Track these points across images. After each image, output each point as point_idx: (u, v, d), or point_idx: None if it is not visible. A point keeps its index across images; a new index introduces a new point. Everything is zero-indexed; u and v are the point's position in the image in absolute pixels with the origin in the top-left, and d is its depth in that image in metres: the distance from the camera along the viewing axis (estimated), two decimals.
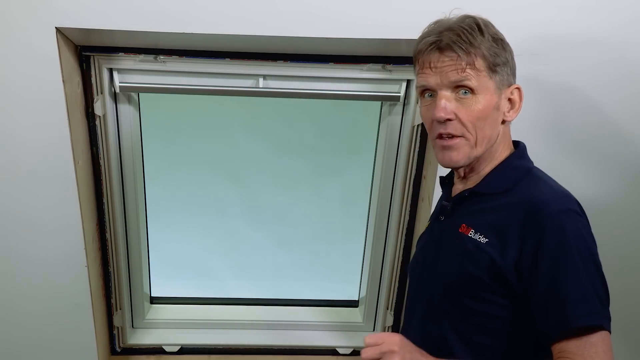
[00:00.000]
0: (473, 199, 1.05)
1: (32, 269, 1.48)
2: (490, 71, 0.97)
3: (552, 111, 1.36)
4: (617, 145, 1.42)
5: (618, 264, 1.57)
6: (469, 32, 0.95)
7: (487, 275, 0.97)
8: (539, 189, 0.98)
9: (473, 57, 0.95)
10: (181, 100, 2.01)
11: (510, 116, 1.02)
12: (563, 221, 0.91)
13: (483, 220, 1.01)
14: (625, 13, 1.26)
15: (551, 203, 0.94)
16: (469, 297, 1.00)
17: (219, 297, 1.94)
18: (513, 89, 1.01)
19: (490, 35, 0.97)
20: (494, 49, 0.97)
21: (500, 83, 0.98)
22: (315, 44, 1.30)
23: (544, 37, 1.27)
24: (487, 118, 0.98)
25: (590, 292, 0.89)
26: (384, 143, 1.57)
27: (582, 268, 0.90)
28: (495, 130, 1.01)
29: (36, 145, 1.32)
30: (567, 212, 0.93)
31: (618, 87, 1.34)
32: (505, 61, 0.99)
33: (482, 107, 0.97)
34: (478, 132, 0.98)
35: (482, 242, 0.98)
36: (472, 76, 0.95)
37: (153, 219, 1.75)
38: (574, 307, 0.88)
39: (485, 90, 0.97)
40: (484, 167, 1.05)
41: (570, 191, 0.99)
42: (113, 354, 1.78)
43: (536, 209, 0.93)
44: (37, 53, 1.21)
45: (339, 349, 1.84)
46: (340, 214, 2.50)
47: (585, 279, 0.89)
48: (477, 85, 0.96)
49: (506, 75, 0.99)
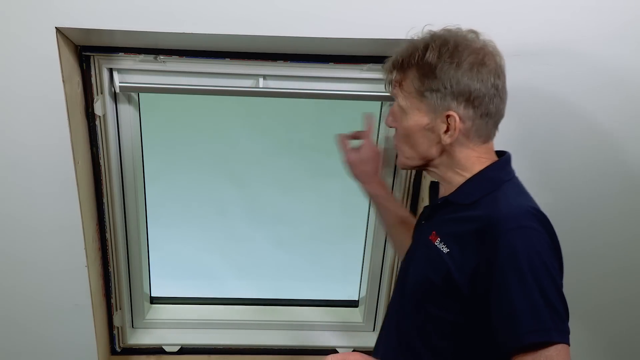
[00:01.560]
0: (446, 208, 1.08)
1: (32, 269, 1.48)
2: (419, 94, 1.01)
3: (553, 111, 1.36)
4: (617, 146, 1.42)
5: (616, 265, 1.58)
6: (410, 55, 1.01)
7: (443, 283, 1.01)
8: (500, 204, 0.99)
9: (401, 77, 1.04)
10: (181, 100, 2.01)
11: (444, 139, 1.03)
12: (515, 238, 0.92)
13: (448, 230, 1.04)
14: (625, 13, 1.26)
15: (507, 220, 0.95)
16: (429, 302, 1.05)
17: (219, 297, 1.94)
18: (447, 115, 1.01)
19: (429, 62, 0.99)
20: (427, 74, 1.00)
21: (435, 107, 1.01)
22: (315, 44, 1.30)
23: (544, 37, 1.27)
24: (415, 136, 1.05)
25: (540, 309, 0.90)
26: (384, 143, 1.57)
27: (532, 284, 0.90)
28: (432, 149, 1.05)
29: (36, 145, 1.32)
30: (522, 229, 0.94)
31: (618, 87, 1.34)
32: (438, 88, 1.00)
33: (408, 124, 1.05)
34: (410, 147, 1.07)
35: (443, 252, 1.02)
36: (399, 95, 1.05)
37: (153, 219, 1.75)
38: (522, 323, 0.90)
39: (415, 111, 1.03)
40: (451, 178, 1.08)
41: (569, 191, 1.00)
42: (113, 354, 1.78)
43: (491, 226, 0.95)
44: (37, 53, 1.21)
45: (339, 349, 1.84)
46: (340, 214, 2.51)
47: (535, 296, 0.90)
48: (404, 104, 1.05)
49: (440, 101, 1.00)
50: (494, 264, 0.93)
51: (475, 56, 0.99)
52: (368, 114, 1.44)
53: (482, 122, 1.01)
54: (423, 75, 1.00)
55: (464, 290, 0.97)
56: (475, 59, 0.98)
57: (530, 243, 0.92)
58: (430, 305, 1.05)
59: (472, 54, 0.99)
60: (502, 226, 0.94)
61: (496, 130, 1.06)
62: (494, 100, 1.00)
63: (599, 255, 1.55)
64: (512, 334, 0.91)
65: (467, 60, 0.98)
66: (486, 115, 1.01)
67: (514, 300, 0.91)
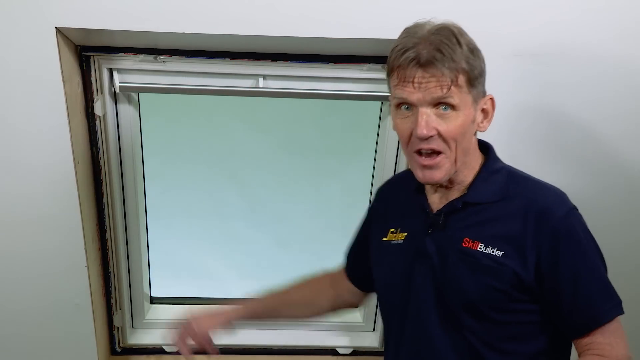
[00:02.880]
0: (468, 210, 1.02)
1: (32, 269, 1.48)
2: (470, 86, 0.95)
3: (553, 111, 1.36)
4: (618, 146, 1.42)
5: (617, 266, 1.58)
6: (449, 46, 0.92)
7: (511, 287, 0.97)
8: (537, 192, 1.00)
9: (455, 74, 0.92)
10: (181, 100, 2.01)
11: (483, 127, 1.01)
12: (572, 223, 0.97)
13: (488, 232, 0.99)
14: (626, 13, 1.26)
15: (555, 206, 0.97)
16: (496, 311, 0.99)
17: (219, 297, 1.94)
18: (487, 100, 1.00)
19: (467, 45, 0.94)
20: (472, 60, 0.94)
21: (477, 96, 0.97)
22: (315, 44, 1.30)
23: (544, 37, 1.27)
24: (466, 132, 0.97)
25: (609, 285, 0.97)
26: (384, 143, 1.57)
27: (598, 264, 0.97)
28: (471, 142, 1.01)
29: (36, 145, 1.32)
30: (572, 212, 0.98)
31: (619, 87, 1.34)
32: (481, 72, 0.97)
33: (461, 122, 0.95)
34: (458, 146, 0.97)
35: (498, 256, 0.97)
36: (454, 93, 0.93)
37: (153, 219, 1.75)
38: (602, 303, 0.96)
39: (465, 106, 0.95)
40: (462, 177, 1.03)
41: (572, 192, 1.01)
42: (113, 354, 1.78)
43: (545, 216, 0.96)
44: (37, 53, 1.21)
45: (339, 349, 1.84)
46: (340, 214, 2.50)
47: (602, 274, 0.97)
48: (458, 102, 0.94)
49: (481, 87, 0.98)
50: (558, 252, 0.95)
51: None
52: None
53: None
54: (472, 60, 0.94)
55: (533, 285, 0.97)
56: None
57: (582, 224, 0.98)
58: (497, 313, 0.99)
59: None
60: (556, 212, 0.96)
61: None
62: None
63: None
64: (591, 314, 0.95)
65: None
66: None
67: (589, 281, 0.95)
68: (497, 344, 1.01)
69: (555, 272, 0.95)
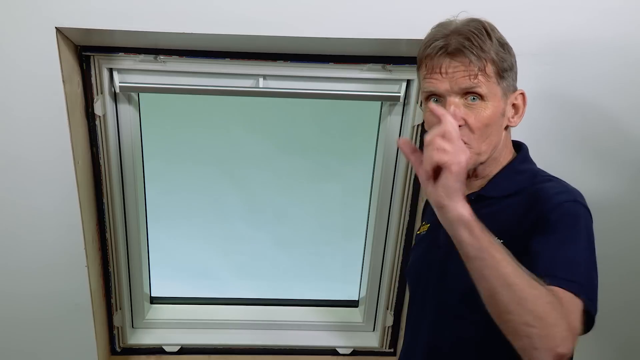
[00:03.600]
0: (479, 203, 1.02)
1: (32, 269, 1.48)
2: (498, 77, 0.95)
3: (553, 111, 1.36)
4: (618, 146, 1.42)
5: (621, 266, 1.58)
6: (478, 37, 0.93)
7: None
8: (546, 185, 0.97)
9: (484, 63, 0.93)
10: (181, 100, 2.01)
11: (514, 122, 1.01)
12: (571, 207, 0.92)
13: (494, 224, 0.96)
14: (628, 14, 1.26)
15: (558, 195, 0.93)
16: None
17: (219, 297, 1.94)
18: (517, 95, 1.01)
19: (497, 40, 0.95)
20: (502, 54, 0.95)
21: (506, 89, 0.98)
22: (315, 44, 1.30)
23: (544, 37, 1.27)
24: (494, 124, 0.97)
25: (581, 264, 0.89)
26: (384, 143, 1.57)
27: (583, 242, 0.90)
28: (500, 136, 1.00)
29: (36, 145, 1.32)
30: (575, 203, 0.93)
31: (619, 87, 1.34)
32: (511, 66, 0.98)
33: (490, 113, 0.95)
34: (485, 139, 0.97)
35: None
36: (482, 83, 0.94)
37: (153, 219, 1.75)
38: (560, 269, 0.87)
39: (494, 97, 0.96)
40: (487, 172, 1.04)
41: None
42: (113, 354, 1.78)
43: (542, 199, 0.93)
44: (37, 53, 1.21)
45: (339, 349, 1.84)
46: (340, 214, 2.50)
47: (583, 252, 0.89)
48: (486, 92, 0.95)
49: (512, 81, 0.99)
50: (547, 218, 0.90)
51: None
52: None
53: None
54: (502, 54, 0.95)
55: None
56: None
57: (584, 215, 0.92)
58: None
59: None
60: (555, 199, 0.92)
61: None
62: None
63: (620, 258, 1.54)
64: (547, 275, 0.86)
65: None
66: None
67: (562, 244, 0.89)
68: (490, 334, 0.97)
69: (540, 225, 0.91)
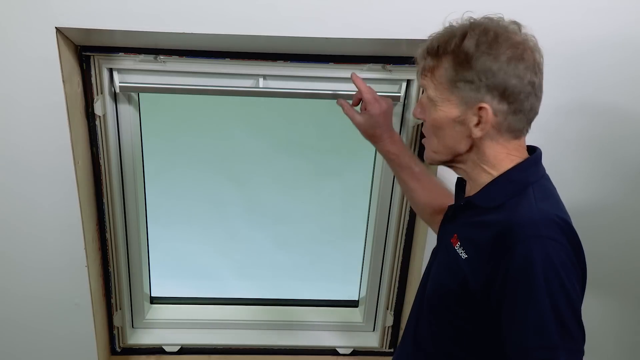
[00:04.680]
0: (468, 210, 1.04)
1: (32, 269, 1.48)
2: (451, 84, 0.96)
3: (553, 112, 1.36)
4: (618, 146, 1.42)
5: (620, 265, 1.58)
6: (447, 41, 0.95)
7: (458, 289, 0.98)
8: (522, 210, 0.94)
9: (434, 66, 0.97)
10: (181, 100, 2.01)
11: (474, 133, 0.98)
12: (532, 248, 0.88)
13: (468, 234, 1.00)
14: (627, 12, 1.26)
15: (525, 227, 0.90)
16: (444, 308, 1.03)
17: (219, 297, 1.94)
18: (479, 107, 0.96)
19: (465, 51, 0.93)
20: (463, 64, 0.94)
21: (467, 99, 0.95)
22: (315, 44, 1.30)
23: (544, 37, 1.27)
24: (444, 128, 0.99)
25: (549, 325, 0.86)
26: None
27: (544, 299, 0.86)
28: (461, 143, 0.99)
29: (36, 145, 1.32)
30: (539, 239, 0.89)
31: (619, 88, 1.34)
32: (472, 80, 0.94)
33: (436, 116, 0.99)
34: (438, 139, 1.02)
35: (462, 258, 0.99)
36: (429, 86, 0.99)
37: (153, 219, 1.75)
38: (529, 338, 0.87)
39: (445, 102, 0.97)
40: (477, 176, 1.02)
41: (573, 193, 0.98)
42: (113, 354, 1.78)
43: (509, 233, 0.91)
44: (37, 53, 1.21)
45: (339, 349, 1.84)
46: (340, 214, 2.51)
47: (546, 311, 0.86)
48: (433, 95, 0.98)
49: (472, 92, 0.95)
50: (507, 273, 0.89)
51: (514, 50, 0.93)
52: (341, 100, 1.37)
53: (515, 118, 0.96)
54: (458, 64, 0.94)
55: (478, 298, 0.94)
56: (514, 53, 0.93)
57: (546, 254, 0.87)
58: (445, 311, 1.03)
59: (511, 47, 0.93)
60: (519, 234, 0.89)
61: (529, 127, 1.01)
62: (530, 98, 0.96)
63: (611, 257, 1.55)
64: (519, 347, 0.89)
65: (506, 53, 0.93)
66: (520, 111, 0.96)
67: (523, 313, 0.88)
68: (445, 346, 1.05)
69: (502, 293, 0.90)
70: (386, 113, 1.32)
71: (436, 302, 1.06)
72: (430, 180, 1.37)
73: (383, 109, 1.31)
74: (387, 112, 1.32)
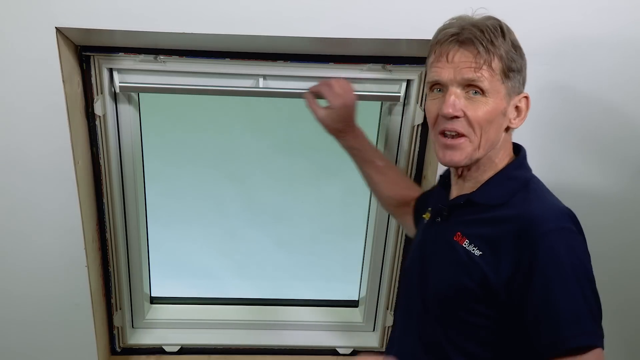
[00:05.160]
0: (468, 208, 1.04)
1: (32, 269, 1.48)
2: (503, 75, 0.96)
3: (553, 112, 1.36)
4: (619, 142, 1.42)
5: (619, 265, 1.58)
6: (491, 31, 0.94)
7: (478, 288, 0.97)
8: (534, 204, 0.97)
9: (491, 57, 0.94)
10: (181, 100, 2.01)
11: (515, 124, 1.01)
12: (556, 240, 0.91)
13: (477, 231, 1.00)
14: (628, 11, 1.26)
15: (545, 220, 0.93)
16: (461, 308, 1.01)
17: (219, 297, 1.94)
18: (522, 97, 1.01)
19: (511, 40, 0.96)
20: (512, 54, 0.96)
21: (511, 89, 0.98)
22: (315, 44, 1.30)
23: (544, 37, 1.27)
24: (493, 122, 0.97)
25: (583, 312, 0.90)
26: (384, 143, 1.57)
27: (575, 287, 0.90)
28: (499, 135, 1.00)
29: (36, 145, 1.32)
30: (561, 231, 0.92)
31: (620, 84, 1.34)
32: (520, 69, 0.98)
33: (489, 109, 0.96)
34: (483, 134, 0.97)
35: (475, 255, 0.98)
36: (485, 78, 0.94)
37: (153, 219, 1.75)
38: (567, 327, 0.89)
39: (496, 94, 0.96)
40: (482, 172, 1.03)
41: (571, 193, 0.99)
42: (113, 354, 1.78)
43: (530, 227, 0.93)
44: (37, 53, 1.21)
45: (339, 349, 1.84)
46: (340, 214, 2.51)
47: (578, 298, 0.90)
48: (488, 87, 0.95)
49: (518, 83, 0.99)
50: (534, 267, 0.90)
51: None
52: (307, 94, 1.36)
53: None
54: (511, 55, 0.96)
55: (500, 294, 0.94)
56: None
57: (570, 245, 0.91)
58: (463, 311, 1.00)
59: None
60: (540, 228, 0.92)
61: None
62: None
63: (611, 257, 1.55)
64: (554, 337, 0.90)
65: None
66: None
67: (557, 304, 0.90)
68: (459, 342, 1.03)
69: (528, 284, 0.91)
70: (349, 107, 1.32)
71: (451, 303, 1.02)
72: (394, 173, 1.39)
73: (346, 103, 1.31)
74: (350, 106, 1.32)
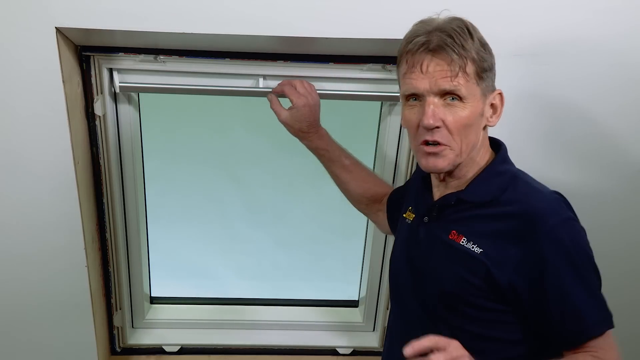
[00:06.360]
0: (459, 206, 1.03)
1: (32, 269, 1.48)
2: (478, 77, 0.95)
3: (552, 112, 1.36)
4: (617, 146, 1.42)
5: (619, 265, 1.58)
6: (460, 35, 0.93)
7: (483, 283, 0.97)
8: (532, 197, 0.97)
9: (464, 61, 0.93)
10: (181, 100, 2.01)
11: (492, 122, 1.01)
12: (562, 233, 0.93)
13: (474, 228, 1.00)
14: (628, 15, 1.26)
15: (547, 215, 0.94)
16: (468, 305, 1.00)
17: (219, 297, 1.94)
18: (496, 95, 1.00)
19: (478, 40, 0.95)
20: (482, 53, 0.95)
21: (485, 89, 0.97)
22: (315, 44, 1.30)
23: (544, 37, 1.27)
24: (473, 125, 0.97)
25: (600, 298, 0.95)
26: (384, 143, 1.57)
27: (587, 277, 0.94)
28: (478, 136, 1.00)
29: (36, 145, 1.32)
30: (565, 223, 0.94)
31: (619, 89, 1.34)
32: (491, 66, 0.98)
33: (468, 113, 0.96)
34: (463, 139, 0.97)
35: (476, 252, 0.98)
36: (462, 85, 0.94)
37: (153, 219, 1.75)
38: (590, 317, 0.93)
39: (473, 97, 0.96)
40: (464, 172, 1.03)
41: (569, 192, 0.99)
42: (113, 354, 1.78)
43: (534, 223, 0.93)
44: (37, 53, 1.21)
45: (339, 349, 1.84)
46: (340, 214, 2.50)
47: (593, 287, 0.94)
48: (466, 93, 0.94)
49: (491, 81, 0.98)
50: (544, 261, 0.92)
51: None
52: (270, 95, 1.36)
53: None
54: (481, 55, 0.95)
55: (505, 288, 0.95)
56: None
57: (575, 236, 0.94)
58: (469, 308, 1.00)
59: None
60: (545, 223, 0.93)
61: None
62: None
63: (615, 258, 1.54)
64: (579, 327, 0.93)
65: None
66: None
67: (576, 295, 0.93)
68: (471, 342, 1.00)
69: (542, 282, 0.93)
70: (312, 107, 1.31)
71: (454, 301, 1.02)
72: (362, 170, 1.39)
73: (309, 102, 1.30)
74: (313, 106, 1.31)
